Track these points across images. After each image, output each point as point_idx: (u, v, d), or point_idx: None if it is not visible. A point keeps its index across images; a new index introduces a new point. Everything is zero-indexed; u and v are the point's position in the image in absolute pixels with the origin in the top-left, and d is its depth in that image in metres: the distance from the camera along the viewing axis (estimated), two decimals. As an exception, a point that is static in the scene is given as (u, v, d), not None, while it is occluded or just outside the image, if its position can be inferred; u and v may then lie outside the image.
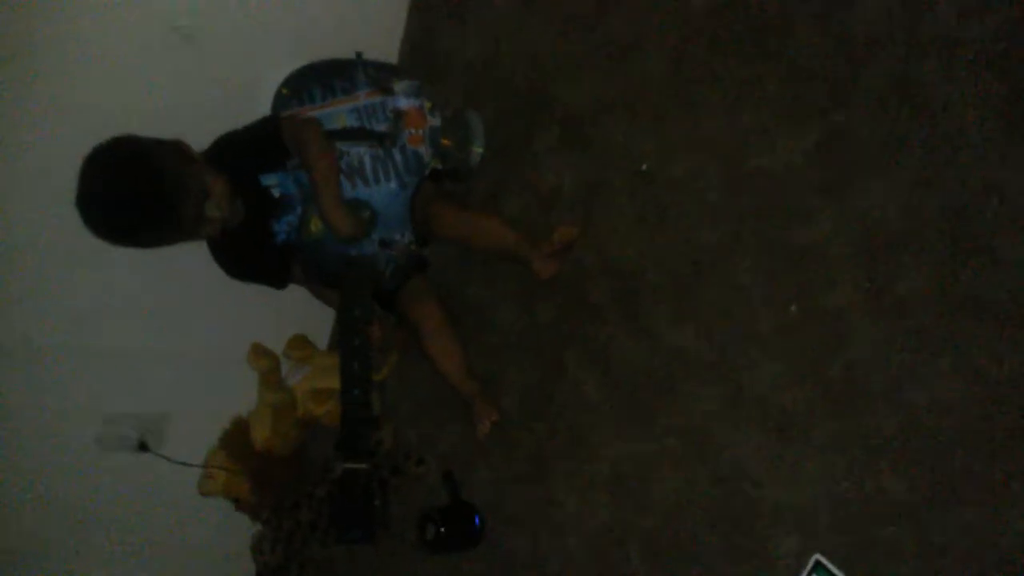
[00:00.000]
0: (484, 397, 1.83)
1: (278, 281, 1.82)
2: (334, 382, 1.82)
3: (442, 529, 1.80)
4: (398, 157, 1.73)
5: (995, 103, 1.35)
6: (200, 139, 1.65)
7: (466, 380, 1.84)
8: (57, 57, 1.58)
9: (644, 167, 1.70)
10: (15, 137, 1.57)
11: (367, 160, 1.71)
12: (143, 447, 1.90)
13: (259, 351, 2.01)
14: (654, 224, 1.68)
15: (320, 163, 1.63)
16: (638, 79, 1.76)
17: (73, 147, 1.47)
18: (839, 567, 1.36)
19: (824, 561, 1.38)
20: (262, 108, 1.75)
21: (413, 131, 1.75)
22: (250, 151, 1.68)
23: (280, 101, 1.75)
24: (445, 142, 1.79)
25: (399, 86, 1.77)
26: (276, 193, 1.69)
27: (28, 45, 1.54)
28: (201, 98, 1.76)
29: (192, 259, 1.74)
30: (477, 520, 1.81)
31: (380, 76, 1.77)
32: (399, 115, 1.74)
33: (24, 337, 1.71)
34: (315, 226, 1.70)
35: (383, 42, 2.17)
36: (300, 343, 2.10)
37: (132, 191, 1.47)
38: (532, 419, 1.80)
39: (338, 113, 1.73)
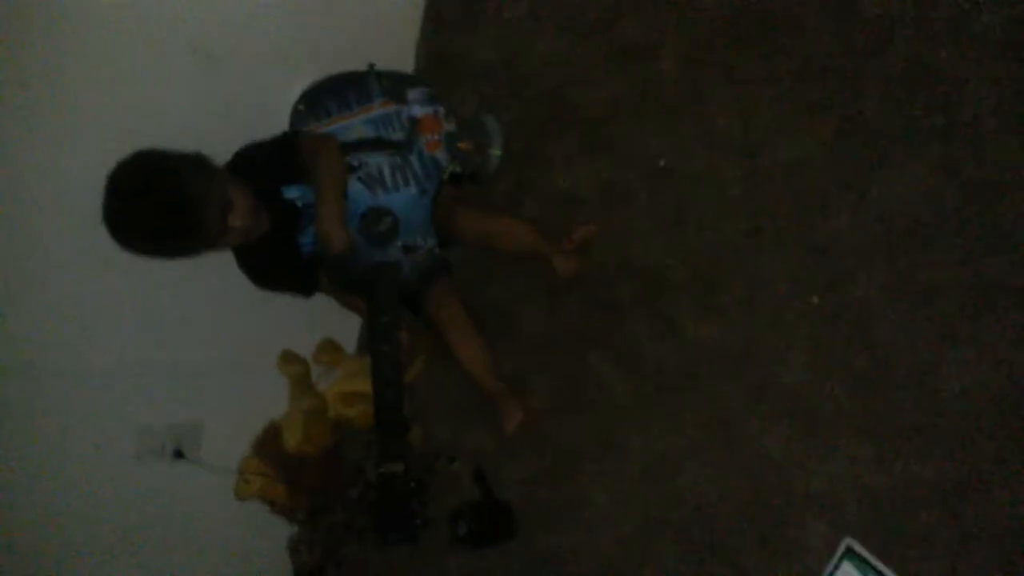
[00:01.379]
0: (510, 396, 1.85)
1: (305, 291, 1.85)
2: (364, 385, 1.84)
3: (474, 526, 1.83)
4: (416, 163, 1.74)
5: (1011, 86, 1.36)
6: (216, 155, 1.66)
7: (492, 380, 1.86)
8: (74, 73, 1.59)
9: (662, 163, 1.71)
10: (39, 157, 1.59)
11: (386, 168, 1.73)
12: (179, 455, 1.94)
13: (288, 357, 2.04)
14: (674, 221, 1.70)
15: (325, 182, 1.64)
16: (653, 79, 1.77)
17: (95, 164, 1.50)
18: (871, 552, 1.38)
19: (855, 546, 1.40)
20: (279, 124, 1.77)
21: (429, 137, 1.76)
22: (271, 165, 1.70)
23: (297, 117, 1.76)
24: (463, 146, 1.80)
25: (412, 94, 1.78)
26: (299, 204, 1.71)
27: (44, 62, 1.55)
28: (218, 115, 1.76)
29: (220, 269, 1.76)
30: (508, 516, 1.83)
31: (393, 86, 1.78)
32: (414, 123, 1.76)
33: (54, 355, 1.73)
34: (339, 237, 1.72)
35: (398, 53, 2.17)
36: (329, 348, 2.13)
37: (157, 204, 1.49)
38: (559, 417, 1.82)
39: (354, 125, 1.74)
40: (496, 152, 1.88)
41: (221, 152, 1.67)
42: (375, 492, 1.84)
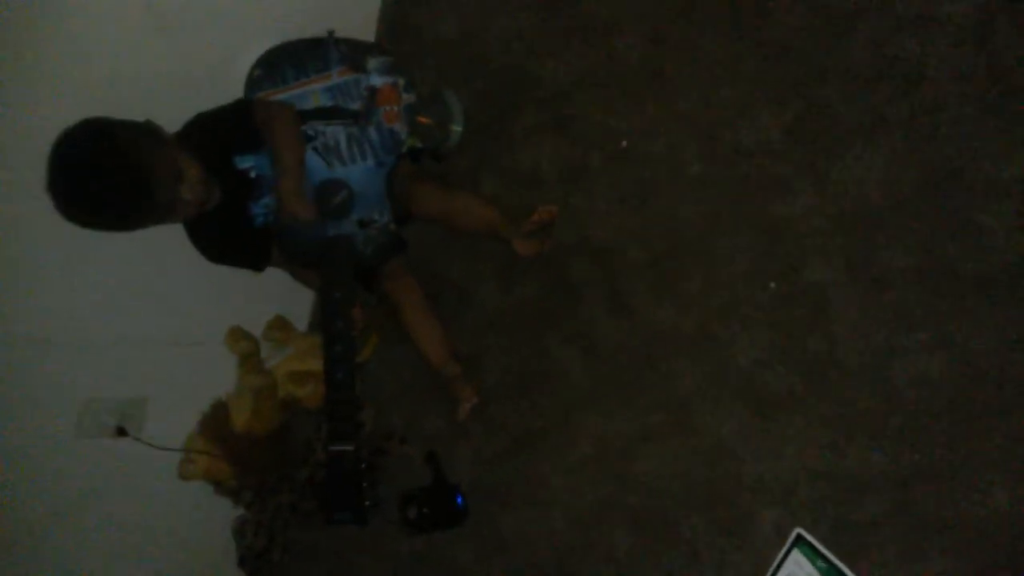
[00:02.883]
0: (464, 379, 1.83)
1: (257, 264, 1.80)
2: (315, 364, 1.81)
3: (425, 509, 1.80)
4: (374, 135, 1.70)
5: (974, 77, 1.36)
6: (170, 121, 1.61)
7: (446, 361, 1.84)
8: (24, 33, 1.54)
9: (624, 143, 1.69)
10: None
11: (342, 139, 1.69)
12: (121, 432, 1.88)
13: (237, 334, 1.99)
14: (633, 202, 1.68)
15: (285, 149, 1.60)
16: (616, 58, 1.75)
17: (42, 130, 1.43)
18: (821, 540, 1.38)
19: (806, 535, 1.40)
20: (235, 90, 1.72)
21: (388, 108, 1.72)
22: (224, 133, 1.65)
23: (253, 82, 1.71)
24: (423, 120, 1.77)
25: (372, 63, 1.74)
26: (252, 175, 1.66)
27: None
28: (173, 79, 1.71)
29: (170, 242, 1.71)
30: (460, 499, 1.81)
31: (353, 54, 1.74)
32: (373, 92, 1.72)
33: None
34: (293, 208, 1.68)
35: (359, 21, 2.14)
36: (279, 325, 2.08)
37: (105, 176, 1.44)
38: (515, 398, 1.80)
39: (311, 92, 1.70)
40: (457, 128, 1.85)
41: (173, 119, 1.62)
42: (324, 471, 1.81)
